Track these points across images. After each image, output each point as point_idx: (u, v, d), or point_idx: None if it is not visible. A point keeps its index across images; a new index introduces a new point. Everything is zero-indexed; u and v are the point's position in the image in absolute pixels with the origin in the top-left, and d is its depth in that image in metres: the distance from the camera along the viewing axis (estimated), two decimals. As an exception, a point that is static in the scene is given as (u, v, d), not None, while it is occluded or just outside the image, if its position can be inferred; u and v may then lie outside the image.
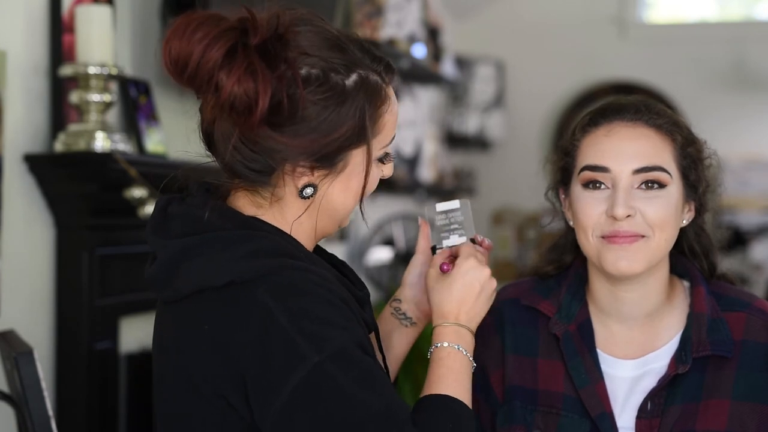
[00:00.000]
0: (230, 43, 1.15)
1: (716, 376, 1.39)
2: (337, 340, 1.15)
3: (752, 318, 1.42)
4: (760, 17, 5.73)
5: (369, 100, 1.23)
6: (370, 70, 1.24)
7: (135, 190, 2.22)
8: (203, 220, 1.21)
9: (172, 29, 1.17)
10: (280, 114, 1.18)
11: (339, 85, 1.21)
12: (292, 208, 1.25)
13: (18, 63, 2.20)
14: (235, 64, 1.15)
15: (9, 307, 2.14)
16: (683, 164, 1.41)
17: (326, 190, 1.25)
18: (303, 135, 1.19)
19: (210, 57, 1.15)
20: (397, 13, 4.08)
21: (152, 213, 1.28)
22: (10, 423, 1.91)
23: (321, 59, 1.20)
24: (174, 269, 1.20)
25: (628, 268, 1.37)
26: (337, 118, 1.20)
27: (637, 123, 1.40)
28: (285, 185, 1.24)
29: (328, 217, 1.28)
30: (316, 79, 1.19)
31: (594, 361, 1.43)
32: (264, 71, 1.15)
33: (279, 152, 1.20)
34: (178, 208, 1.26)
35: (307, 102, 1.18)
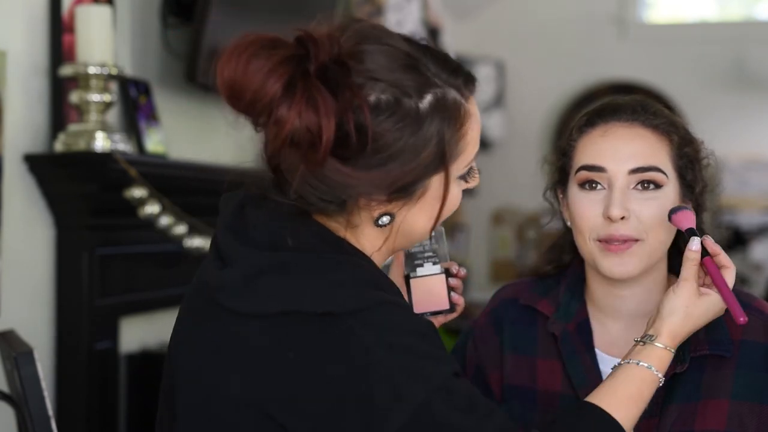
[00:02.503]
0: (289, 75, 1.06)
1: (715, 375, 1.39)
2: (439, 375, 1.08)
3: (751, 318, 1.42)
4: (760, 17, 5.73)
5: (448, 122, 1.12)
6: (447, 86, 1.13)
7: (135, 190, 2.22)
8: (293, 235, 1.12)
9: (226, 52, 1.08)
10: (348, 146, 1.08)
11: (413, 109, 1.10)
12: (369, 233, 1.17)
13: (18, 63, 2.20)
14: (296, 97, 1.06)
15: (9, 307, 2.14)
16: (680, 164, 1.41)
17: (404, 217, 1.16)
18: (376, 168, 1.09)
19: (268, 90, 1.06)
20: (397, 13, 4.08)
21: (227, 210, 1.19)
22: (10, 423, 1.91)
23: (391, 84, 1.09)
24: (258, 283, 1.10)
25: (624, 272, 1.38)
26: (414, 146, 1.10)
27: (634, 123, 1.40)
28: (360, 213, 1.15)
29: (404, 239, 1.20)
30: (387, 106, 1.09)
31: (592, 360, 1.43)
32: (326, 101, 1.06)
33: (351, 187, 1.10)
34: (260, 215, 1.16)
35: (378, 132, 1.08)
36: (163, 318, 2.73)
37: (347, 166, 1.08)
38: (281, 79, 1.06)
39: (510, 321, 1.51)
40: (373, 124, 1.07)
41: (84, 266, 2.30)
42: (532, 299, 1.51)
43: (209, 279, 1.16)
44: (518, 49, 5.57)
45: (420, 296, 1.39)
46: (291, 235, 1.12)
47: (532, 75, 5.56)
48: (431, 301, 1.39)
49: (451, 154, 1.14)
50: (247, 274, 1.11)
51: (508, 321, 1.51)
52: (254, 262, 1.11)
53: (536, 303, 1.50)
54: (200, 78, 2.71)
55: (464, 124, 1.15)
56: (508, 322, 1.51)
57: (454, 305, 1.40)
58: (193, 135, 2.93)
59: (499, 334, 1.51)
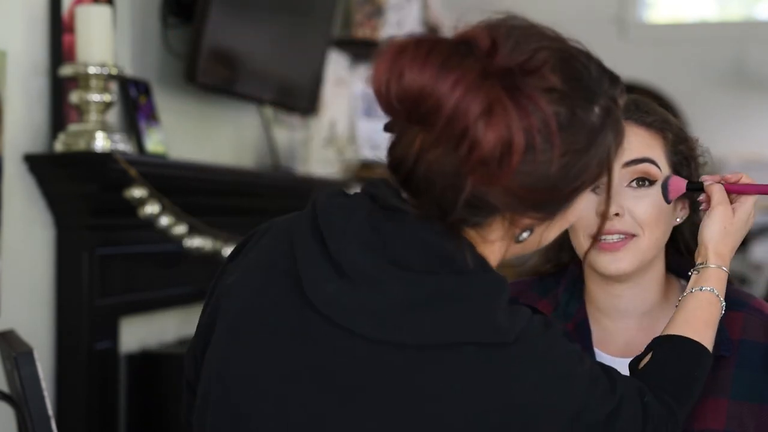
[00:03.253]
0: (492, 96, 0.96)
1: (714, 375, 1.39)
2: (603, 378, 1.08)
3: (750, 317, 1.42)
4: (760, 17, 5.73)
5: (614, 135, 1.06)
6: (608, 98, 1.06)
7: (135, 190, 2.23)
8: (449, 255, 1.01)
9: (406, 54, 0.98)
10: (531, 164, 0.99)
11: (587, 124, 1.02)
12: (498, 247, 1.08)
13: (18, 63, 2.20)
14: (494, 117, 0.96)
15: (9, 307, 2.14)
16: (674, 160, 1.41)
17: (542, 233, 1.10)
18: (543, 188, 1.01)
19: (466, 108, 0.96)
20: (397, 13, 4.08)
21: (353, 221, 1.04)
22: (10, 423, 1.91)
23: (565, 95, 1.01)
24: (417, 311, 0.99)
25: (620, 269, 1.38)
26: (584, 163, 1.03)
27: (627, 121, 1.40)
28: (499, 229, 1.06)
29: (523, 253, 1.14)
30: (565, 120, 1.00)
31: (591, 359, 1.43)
32: (517, 119, 0.97)
33: (510, 205, 1.02)
34: (396, 228, 1.03)
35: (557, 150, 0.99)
36: (163, 318, 2.73)
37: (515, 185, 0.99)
38: (487, 98, 0.96)
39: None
40: (559, 143, 0.99)
41: (84, 266, 2.31)
42: (532, 299, 1.51)
43: (329, 298, 1.01)
44: (518, 49, 5.57)
45: None
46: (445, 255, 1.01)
47: (532, 75, 5.57)
48: None
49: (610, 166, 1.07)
50: (400, 301, 0.99)
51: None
52: (408, 287, 1.00)
53: (536, 303, 1.50)
54: (200, 78, 2.71)
55: (624, 137, 1.09)
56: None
57: None
58: (193, 135, 2.93)
59: (498, 333, 1.51)
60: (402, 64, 0.97)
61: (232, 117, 3.17)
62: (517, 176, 0.98)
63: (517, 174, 0.98)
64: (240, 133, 3.24)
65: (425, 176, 1.00)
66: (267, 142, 3.36)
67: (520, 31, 1.04)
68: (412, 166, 1.01)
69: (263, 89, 3.17)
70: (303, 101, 3.44)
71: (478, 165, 0.97)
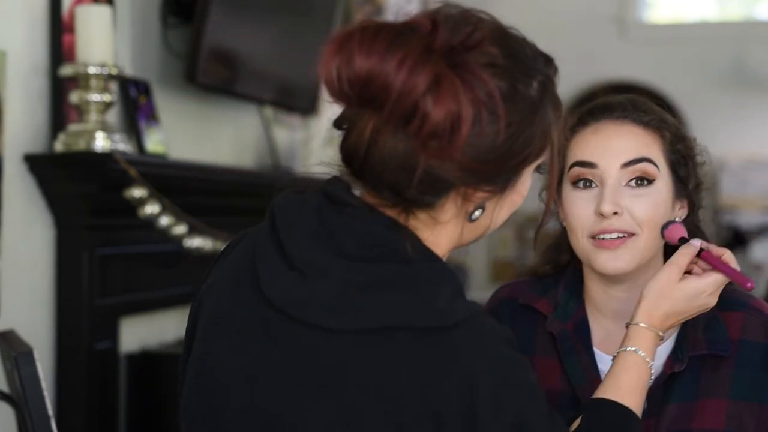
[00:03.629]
0: (437, 70, 1.01)
1: (713, 375, 1.39)
2: (530, 383, 1.08)
3: (750, 317, 1.43)
4: (760, 17, 5.73)
5: (553, 110, 1.11)
6: (545, 76, 1.11)
7: (135, 190, 2.23)
8: (390, 244, 1.05)
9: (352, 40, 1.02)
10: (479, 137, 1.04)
11: (527, 97, 1.07)
12: (450, 230, 1.11)
13: (18, 63, 2.20)
14: (441, 91, 1.01)
15: (9, 307, 2.14)
16: (672, 159, 1.41)
17: (493, 210, 1.13)
18: (493, 159, 1.06)
19: (414, 83, 1.00)
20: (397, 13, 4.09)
21: (305, 214, 1.09)
22: (10, 423, 1.91)
23: (506, 70, 1.06)
24: (359, 298, 1.03)
25: (618, 268, 1.38)
26: (529, 134, 1.07)
27: (625, 121, 1.42)
28: (451, 208, 1.09)
29: (477, 235, 1.16)
30: (507, 94, 1.05)
31: (590, 359, 1.43)
32: (465, 91, 1.02)
33: (459, 178, 1.06)
34: (347, 222, 1.07)
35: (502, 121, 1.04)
36: (163, 318, 2.73)
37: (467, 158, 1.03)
38: (432, 71, 1.01)
39: (509, 320, 1.51)
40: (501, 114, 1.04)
41: (84, 266, 2.31)
42: (531, 299, 1.51)
43: (283, 292, 1.06)
44: (518, 49, 5.57)
45: None
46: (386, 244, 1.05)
47: (532, 75, 5.56)
48: None
49: (553, 142, 1.12)
50: (343, 288, 1.03)
51: (506, 320, 1.51)
52: (350, 275, 1.04)
53: (535, 303, 1.50)
54: (200, 78, 2.71)
55: (561, 111, 1.14)
56: (506, 322, 1.50)
57: None
58: (193, 135, 2.93)
59: (498, 333, 1.51)
60: (350, 50, 1.01)
61: (232, 117, 3.17)
62: (467, 149, 1.02)
63: (467, 147, 1.02)
64: (240, 133, 3.24)
65: (379, 161, 1.04)
66: (267, 142, 3.36)
67: (458, 14, 1.08)
68: (364, 154, 1.05)
69: (263, 89, 3.17)
70: (303, 101, 3.44)
71: (429, 139, 1.01)
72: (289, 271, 1.06)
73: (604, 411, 1.24)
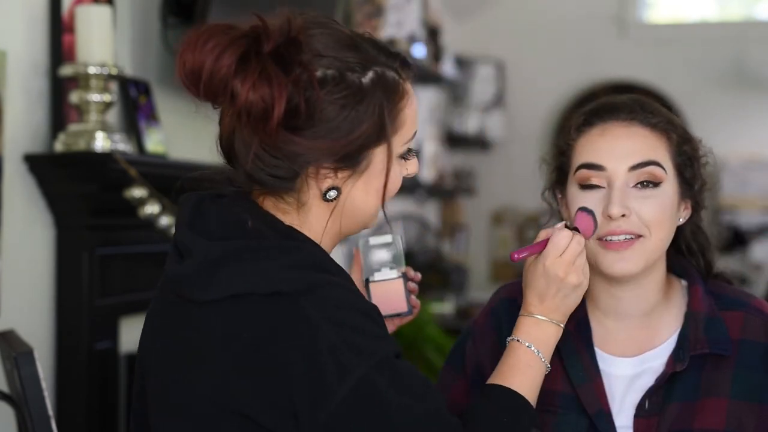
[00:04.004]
0: (241, 50, 1.16)
1: (714, 375, 1.39)
2: (381, 351, 1.16)
3: (750, 317, 1.43)
4: (760, 17, 5.73)
5: (387, 96, 1.22)
6: (386, 67, 1.24)
7: (135, 190, 2.23)
8: (246, 224, 1.20)
9: (184, 43, 1.17)
10: (298, 117, 1.17)
11: (356, 83, 1.20)
12: (317, 212, 1.24)
13: (18, 63, 2.20)
14: (249, 71, 1.15)
15: (9, 307, 2.14)
16: (678, 161, 1.41)
17: (349, 192, 1.24)
18: (323, 136, 1.19)
19: (222, 65, 1.15)
20: (397, 13, 4.08)
21: (184, 208, 1.27)
22: (10, 423, 1.91)
23: (336, 59, 1.20)
24: (215, 271, 1.18)
25: (625, 269, 1.38)
26: (357, 116, 1.20)
27: (632, 122, 1.41)
28: (309, 189, 1.23)
29: (353, 220, 1.27)
30: (333, 79, 1.19)
31: (591, 359, 1.43)
32: (279, 75, 1.15)
33: (300, 155, 1.19)
34: (214, 208, 1.24)
35: (324, 103, 1.18)
36: (163, 318, 2.73)
37: (297, 135, 1.18)
38: (234, 54, 1.15)
39: (509, 320, 1.51)
40: (321, 96, 1.17)
41: (84, 266, 2.30)
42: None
43: (169, 274, 1.24)
44: (518, 49, 5.57)
45: (379, 300, 1.42)
46: (243, 225, 1.20)
47: (532, 75, 5.56)
48: (390, 304, 1.44)
49: (391, 128, 1.23)
50: (202, 264, 1.19)
51: (507, 320, 1.51)
52: (208, 252, 1.19)
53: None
54: (200, 78, 2.71)
55: (402, 99, 1.24)
56: (507, 321, 1.51)
57: (411, 308, 1.46)
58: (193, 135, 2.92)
59: (498, 333, 1.51)
60: (185, 53, 1.17)
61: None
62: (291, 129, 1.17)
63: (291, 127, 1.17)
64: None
65: (236, 150, 1.22)
66: (267, 142, 3.35)
67: (304, 17, 1.22)
68: (226, 144, 1.25)
69: (263, 89, 3.16)
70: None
71: (247, 118, 1.16)
72: (176, 257, 1.24)
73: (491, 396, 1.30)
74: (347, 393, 1.13)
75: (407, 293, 1.46)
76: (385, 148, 1.23)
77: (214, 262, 1.18)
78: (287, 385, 1.14)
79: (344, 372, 1.13)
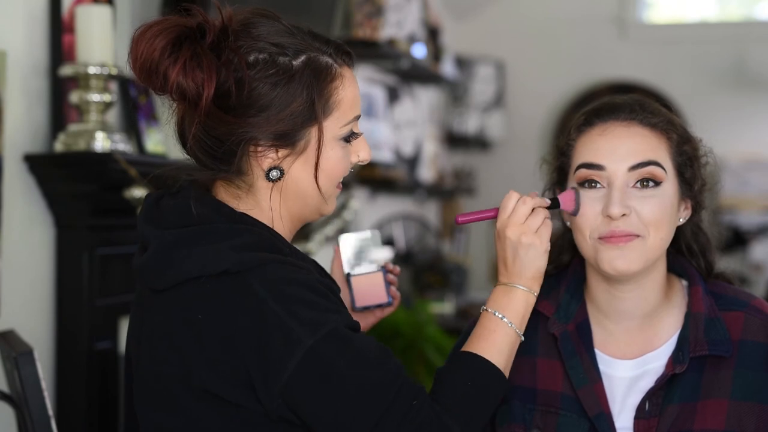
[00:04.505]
0: (174, 35, 1.23)
1: (714, 375, 1.39)
2: (330, 323, 1.20)
3: (750, 317, 1.43)
4: (760, 17, 5.73)
5: (317, 77, 1.27)
6: (320, 52, 1.29)
7: (135, 190, 2.22)
8: (197, 210, 1.26)
9: (133, 39, 1.25)
10: (229, 97, 1.24)
11: (286, 65, 1.26)
12: (265, 195, 1.30)
13: (18, 63, 2.20)
14: (181, 54, 1.22)
15: (9, 307, 2.14)
16: (679, 161, 1.41)
17: (290, 171, 1.29)
18: (254, 115, 1.25)
19: (154, 47, 1.22)
20: (397, 13, 4.08)
21: (144, 205, 1.34)
22: (10, 423, 1.91)
23: (269, 44, 1.26)
24: (168, 258, 1.24)
25: (625, 267, 1.38)
26: (286, 95, 1.26)
27: (632, 122, 1.41)
28: (253, 171, 1.28)
29: (301, 202, 1.32)
30: (264, 62, 1.25)
31: (592, 360, 1.43)
32: (209, 59, 1.23)
33: (235, 133, 1.25)
34: (170, 201, 1.30)
35: (254, 82, 1.24)
36: (163, 318, 2.73)
37: (230, 114, 1.24)
38: (166, 38, 1.22)
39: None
40: (250, 78, 1.24)
41: (84, 266, 2.30)
42: (532, 299, 1.51)
43: (136, 267, 1.30)
44: (518, 49, 5.57)
45: (361, 292, 1.51)
46: (194, 212, 1.26)
47: (532, 75, 5.56)
48: (371, 296, 1.52)
49: (323, 108, 1.28)
50: (159, 252, 1.26)
51: (507, 321, 1.51)
52: (162, 240, 1.26)
53: (537, 304, 1.50)
54: (200, 78, 2.70)
55: (334, 81, 1.29)
56: (507, 322, 1.51)
57: (392, 299, 1.52)
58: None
59: (498, 333, 1.51)
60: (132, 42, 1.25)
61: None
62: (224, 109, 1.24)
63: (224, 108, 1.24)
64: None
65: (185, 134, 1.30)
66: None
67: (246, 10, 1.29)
68: (179, 130, 1.33)
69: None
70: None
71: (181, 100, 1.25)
72: (140, 251, 1.31)
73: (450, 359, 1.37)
74: (296, 365, 1.17)
75: (387, 285, 1.52)
76: None
77: (167, 249, 1.25)
78: (241, 360, 1.19)
79: (292, 345, 1.17)
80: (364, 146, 1.35)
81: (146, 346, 1.29)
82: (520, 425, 1.44)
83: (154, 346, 1.27)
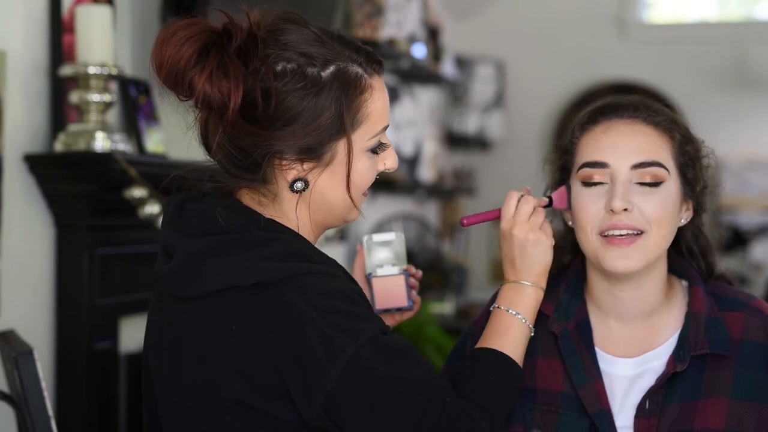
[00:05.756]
0: (201, 43, 1.20)
1: (714, 375, 1.39)
2: (368, 331, 1.20)
3: (750, 318, 1.43)
4: (760, 17, 5.73)
5: (346, 89, 1.24)
6: (350, 62, 1.26)
7: (135, 190, 2.22)
8: (226, 219, 1.24)
9: (156, 40, 1.22)
10: (255, 108, 1.21)
11: (315, 77, 1.23)
12: (291, 204, 1.28)
13: (18, 63, 2.20)
14: (207, 63, 1.19)
15: (9, 307, 2.14)
16: (681, 161, 1.41)
17: (316, 183, 1.27)
18: (280, 128, 1.22)
19: (181, 55, 1.19)
20: (397, 13, 4.08)
21: (167, 209, 1.30)
22: (10, 423, 1.91)
23: (298, 54, 1.23)
24: (198, 266, 1.21)
25: (627, 266, 1.38)
26: (314, 109, 1.22)
27: (636, 120, 1.41)
28: (278, 181, 1.26)
29: (327, 211, 1.30)
30: (292, 72, 1.22)
31: (592, 359, 1.43)
32: (237, 68, 1.20)
33: (259, 146, 1.22)
34: (195, 207, 1.27)
35: (282, 95, 1.21)
36: (163, 318, 2.73)
37: (256, 126, 1.21)
38: (194, 45, 1.19)
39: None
40: (277, 89, 1.21)
41: (84, 266, 2.30)
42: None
43: (159, 275, 1.27)
44: (518, 49, 5.57)
45: (381, 294, 1.49)
46: (222, 220, 1.23)
47: (532, 75, 5.56)
48: (391, 299, 1.49)
49: (352, 121, 1.25)
50: (185, 261, 1.22)
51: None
52: (191, 249, 1.22)
53: (536, 303, 1.50)
54: (200, 78, 2.70)
55: (363, 93, 1.26)
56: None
57: (412, 303, 1.51)
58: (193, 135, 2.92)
59: (498, 333, 1.51)
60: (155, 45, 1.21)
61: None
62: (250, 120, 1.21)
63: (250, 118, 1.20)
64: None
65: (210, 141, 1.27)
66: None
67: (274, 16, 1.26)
68: (203, 136, 1.30)
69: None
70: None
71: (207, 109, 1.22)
72: (164, 257, 1.27)
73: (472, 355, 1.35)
74: (340, 373, 1.17)
75: (408, 289, 1.50)
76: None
77: (195, 259, 1.22)
78: (278, 371, 1.18)
79: (335, 354, 1.17)
80: (391, 155, 1.33)
81: (168, 355, 1.27)
82: (520, 424, 1.44)
83: (178, 356, 1.25)
